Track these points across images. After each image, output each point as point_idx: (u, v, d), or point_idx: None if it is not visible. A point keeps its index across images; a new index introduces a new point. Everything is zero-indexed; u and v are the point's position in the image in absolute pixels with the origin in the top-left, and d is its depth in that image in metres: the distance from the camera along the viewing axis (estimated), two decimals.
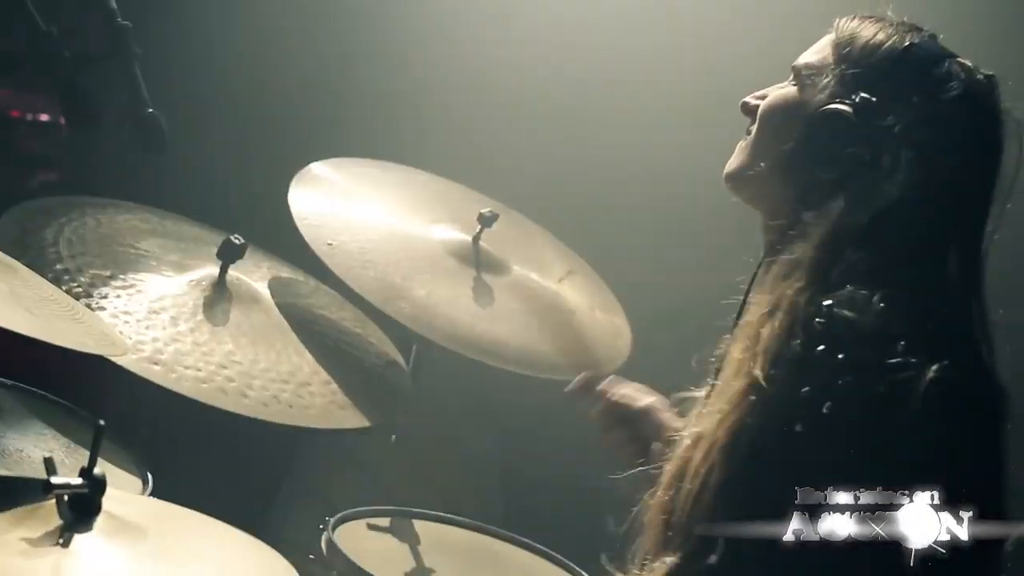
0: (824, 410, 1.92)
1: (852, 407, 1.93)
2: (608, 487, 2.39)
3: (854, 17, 2.24)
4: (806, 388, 1.95)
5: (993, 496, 2.00)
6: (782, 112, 2.23)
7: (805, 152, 2.13)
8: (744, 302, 2.20)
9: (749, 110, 2.30)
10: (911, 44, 2.15)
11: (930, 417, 1.93)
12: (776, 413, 1.97)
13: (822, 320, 1.98)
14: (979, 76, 2.15)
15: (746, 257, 2.29)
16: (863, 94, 2.10)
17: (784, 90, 2.26)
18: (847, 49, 2.18)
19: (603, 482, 2.47)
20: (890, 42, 2.16)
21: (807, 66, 2.23)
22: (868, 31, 2.19)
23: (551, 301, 3.41)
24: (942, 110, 2.09)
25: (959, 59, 2.16)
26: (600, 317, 3.46)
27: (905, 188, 2.06)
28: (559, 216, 3.81)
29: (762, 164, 2.22)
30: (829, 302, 1.99)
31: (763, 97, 2.28)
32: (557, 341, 3.31)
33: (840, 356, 1.95)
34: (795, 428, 1.94)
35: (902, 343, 1.95)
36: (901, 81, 2.12)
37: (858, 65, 2.15)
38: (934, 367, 1.94)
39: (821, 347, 1.96)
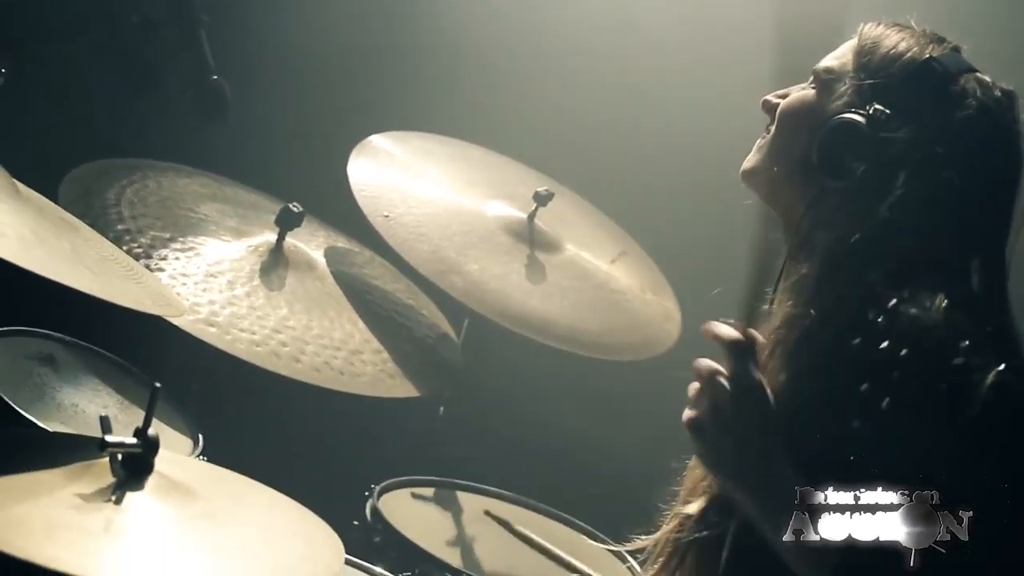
0: (884, 407, 1.90)
1: (914, 405, 1.90)
2: (658, 469, 2.39)
3: (879, 23, 2.20)
4: (865, 385, 1.92)
5: None
6: (799, 115, 2.20)
7: (819, 155, 2.11)
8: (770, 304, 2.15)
9: (769, 108, 2.26)
10: (930, 59, 2.11)
11: (991, 419, 1.91)
12: (830, 411, 1.95)
13: (885, 317, 1.95)
14: (996, 93, 2.11)
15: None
16: (877, 106, 2.08)
17: (803, 93, 2.23)
18: (867, 58, 2.15)
19: (652, 465, 2.47)
20: (910, 54, 2.13)
21: (827, 70, 2.20)
22: (890, 41, 2.16)
23: (602, 281, 3.43)
24: (954, 128, 2.07)
25: (978, 75, 2.13)
26: (651, 299, 3.48)
27: (912, 203, 2.04)
28: (614, 197, 3.83)
29: (777, 167, 2.20)
30: (895, 300, 1.96)
31: (784, 96, 2.25)
32: (606, 321, 3.33)
33: (904, 353, 1.92)
34: (852, 426, 1.91)
35: (966, 344, 1.93)
36: (916, 96, 2.09)
37: (876, 76, 2.12)
38: (996, 370, 1.92)
39: (884, 343, 1.93)
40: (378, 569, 2.71)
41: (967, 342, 1.94)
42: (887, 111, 2.07)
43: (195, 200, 3.25)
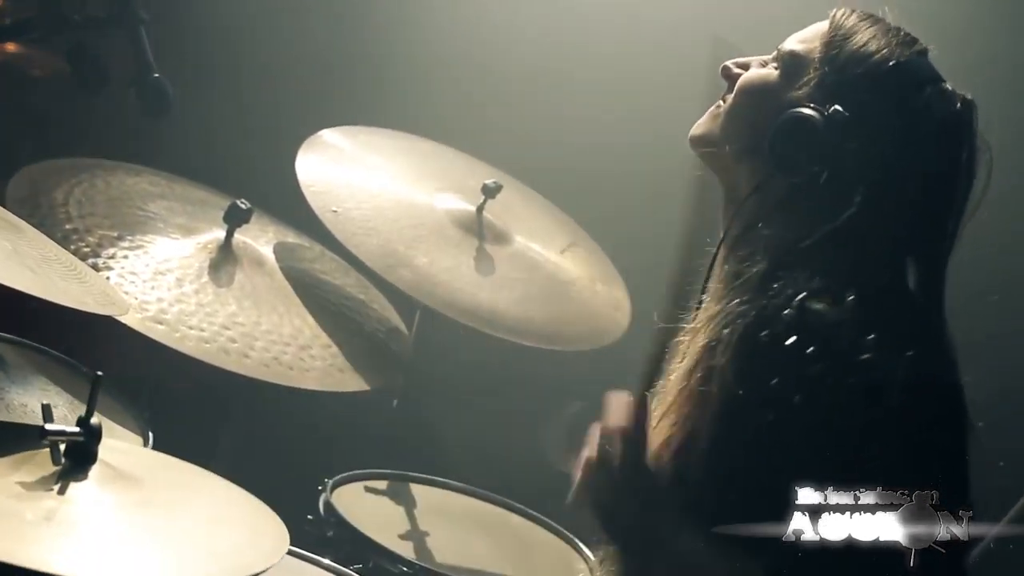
0: (794, 401, 1.90)
1: (823, 398, 1.90)
2: None
3: (852, 12, 2.17)
4: (775, 380, 1.91)
5: (962, 495, 1.99)
6: (758, 95, 2.17)
7: (770, 147, 2.08)
8: (703, 290, 2.15)
9: (728, 76, 2.21)
10: (897, 64, 2.08)
11: (901, 411, 1.92)
12: (740, 408, 1.95)
13: (792, 312, 1.95)
14: (957, 106, 2.09)
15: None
16: (837, 107, 2.05)
17: (765, 72, 2.19)
18: (836, 51, 2.12)
19: None
20: (878, 56, 2.09)
21: (792, 54, 2.15)
22: (860, 37, 2.12)
23: (552, 272, 3.45)
24: (912, 139, 2.06)
25: (942, 85, 2.10)
26: (600, 289, 3.49)
27: (861, 205, 2.03)
28: (563, 188, 3.84)
29: (728, 144, 2.17)
30: (802, 294, 1.96)
31: (745, 67, 2.22)
32: (556, 312, 3.35)
33: (811, 348, 1.92)
34: (764, 421, 1.91)
35: (872, 338, 1.93)
36: (878, 105, 2.07)
37: (841, 73, 2.09)
38: (905, 362, 1.93)
39: (792, 339, 1.93)
40: (326, 561, 2.73)
41: (873, 338, 1.93)
42: (846, 114, 2.04)
43: (144, 198, 3.24)
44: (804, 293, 1.96)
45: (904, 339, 1.96)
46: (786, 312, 1.95)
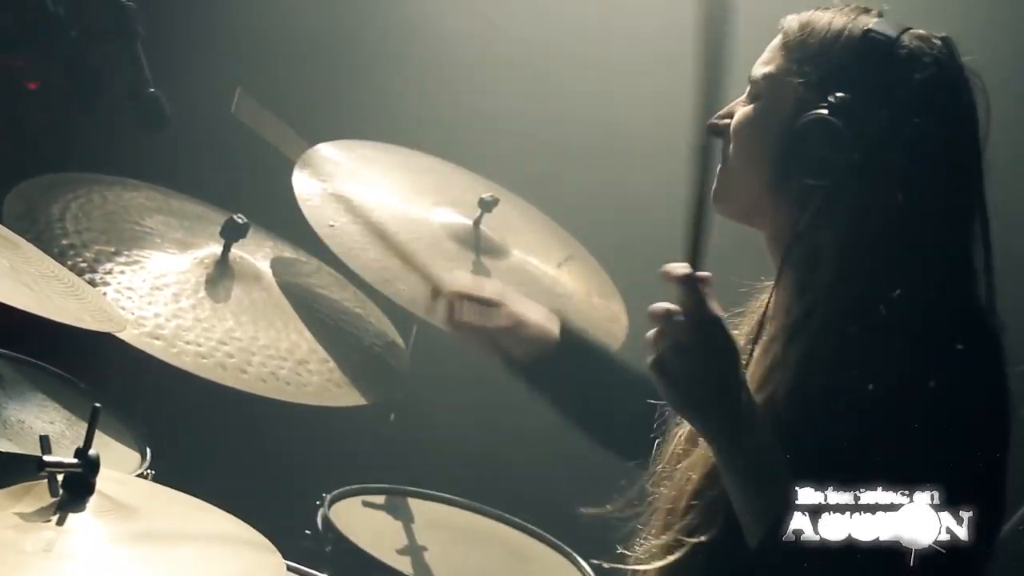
0: (872, 402, 1.92)
1: (909, 396, 1.93)
2: (606, 472, 2.40)
3: (797, 14, 2.16)
4: (854, 374, 1.94)
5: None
6: (754, 132, 2.15)
7: (793, 165, 2.06)
8: (761, 325, 2.14)
9: (718, 131, 2.17)
10: (869, 30, 2.08)
11: (982, 411, 1.95)
12: (818, 402, 1.97)
13: (878, 311, 1.97)
14: (938, 43, 2.09)
15: (750, 251, 2.26)
16: (838, 94, 2.03)
17: (750, 108, 2.17)
18: (803, 50, 2.11)
19: (600, 467, 2.49)
20: (847, 31, 2.09)
21: (765, 76, 2.14)
22: (820, 24, 2.11)
23: (549, 286, 3.45)
24: (920, 90, 2.05)
25: (913, 31, 2.09)
26: (597, 302, 3.49)
27: (908, 178, 2.02)
28: (560, 202, 3.84)
29: (748, 189, 2.16)
30: (888, 292, 1.98)
31: (729, 116, 2.19)
32: None
33: (894, 345, 1.95)
34: (837, 419, 1.93)
35: (954, 333, 1.96)
36: (871, 70, 2.05)
37: (820, 62, 2.08)
38: (987, 361, 1.97)
39: (875, 336, 1.96)
40: None
41: (954, 333, 1.97)
42: (848, 96, 2.03)
43: (141, 213, 3.24)
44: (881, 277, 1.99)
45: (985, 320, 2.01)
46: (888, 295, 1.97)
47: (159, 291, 2.95)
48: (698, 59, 1.91)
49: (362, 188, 3.39)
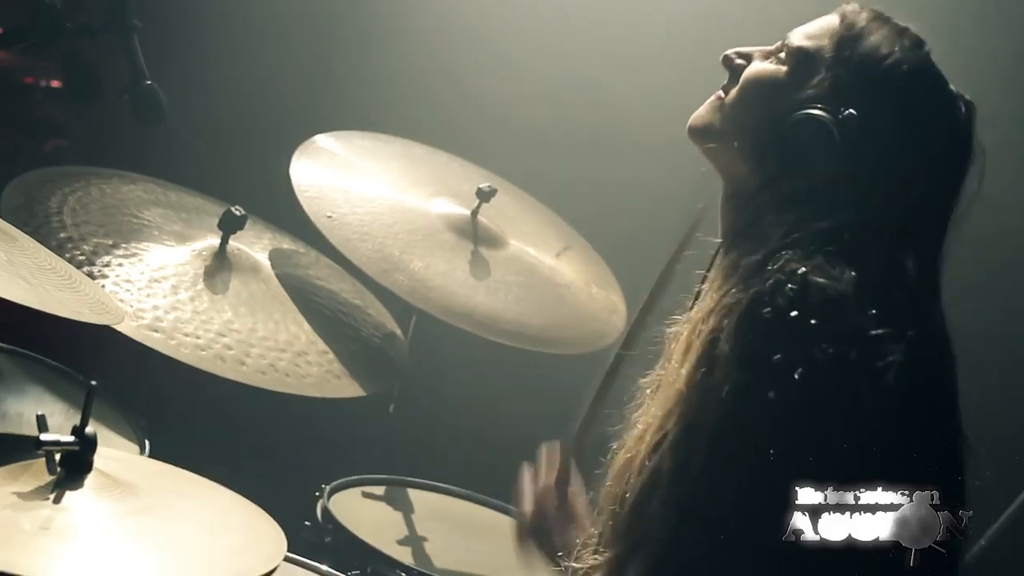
0: (796, 378, 1.86)
1: (827, 374, 1.88)
2: (600, 462, 2.41)
3: (862, 10, 2.12)
4: (777, 356, 1.88)
5: (959, 486, 1.98)
6: (767, 92, 2.11)
7: (778, 148, 2.05)
8: (700, 289, 2.11)
9: (731, 66, 2.16)
10: (910, 69, 2.06)
11: (905, 390, 1.90)
12: (741, 387, 1.91)
13: (795, 287, 1.91)
14: (963, 108, 2.08)
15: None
16: (851, 111, 2.01)
17: (772, 68, 2.13)
18: (848, 51, 2.08)
19: (602, 457, 2.48)
20: (891, 60, 2.06)
21: (801, 50, 2.10)
22: (874, 38, 2.08)
23: (547, 276, 3.45)
24: (924, 143, 2.04)
25: (950, 89, 2.09)
26: (596, 292, 3.49)
27: (873, 202, 2.01)
28: (558, 192, 3.84)
29: (734, 139, 2.12)
30: (804, 269, 1.92)
31: (747, 57, 2.16)
32: (552, 316, 3.35)
33: (813, 322, 1.89)
34: (765, 399, 1.87)
35: (874, 314, 1.91)
36: (891, 108, 2.04)
37: (854, 75, 2.06)
38: (906, 340, 1.90)
39: (794, 313, 1.89)
40: (324, 567, 2.73)
41: (875, 314, 1.92)
42: (859, 118, 2.01)
43: (138, 206, 3.24)
44: (803, 269, 1.93)
45: (902, 321, 1.94)
46: (787, 287, 1.92)
47: (157, 283, 2.94)
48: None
49: (359, 179, 3.39)
